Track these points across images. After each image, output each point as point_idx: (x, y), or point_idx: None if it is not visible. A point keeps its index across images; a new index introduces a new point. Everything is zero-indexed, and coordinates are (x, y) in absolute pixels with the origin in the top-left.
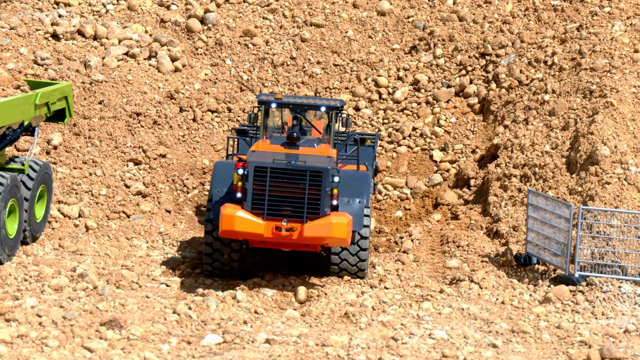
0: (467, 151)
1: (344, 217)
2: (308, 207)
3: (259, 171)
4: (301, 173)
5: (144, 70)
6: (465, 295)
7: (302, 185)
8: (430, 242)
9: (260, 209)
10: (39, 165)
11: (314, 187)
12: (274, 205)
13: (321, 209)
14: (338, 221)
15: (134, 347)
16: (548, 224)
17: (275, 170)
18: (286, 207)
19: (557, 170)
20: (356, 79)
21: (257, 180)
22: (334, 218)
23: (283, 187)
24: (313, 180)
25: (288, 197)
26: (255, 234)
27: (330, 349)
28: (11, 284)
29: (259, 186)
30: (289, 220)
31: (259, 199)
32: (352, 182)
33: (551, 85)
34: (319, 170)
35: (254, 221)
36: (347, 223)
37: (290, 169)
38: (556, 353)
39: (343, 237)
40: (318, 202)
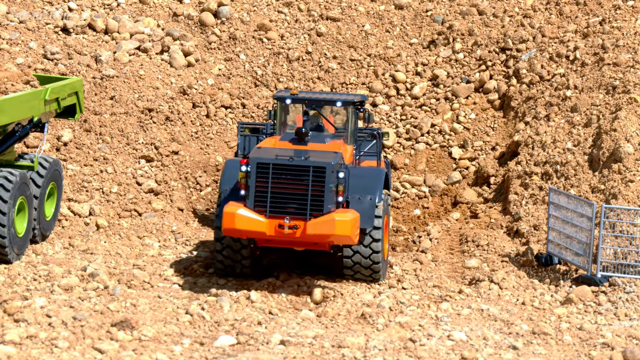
0: (487, 148)
1: (349, 213)
2: (311, 204)
3: (261, 167)
4: (304, 169)
5: (156, 65)
6: (485, 296)
7: (305, 182)
8: (449, 241)
9: (263, 207)
10: (49, 162)
11: (317, 183)
12: (276, 203)
13: (325, 205)
14: (341, 218)
15: (146, 349)
16: (570, 223)
17: (278, 167)
18: (289, 204)
19: (579, 167)
20: (373, 75)
21: (259, 177)
22: (337, 215)
23: (286, 183)
24: (316, 176)
25: (291, 194)
26: (258, 232)
27: (347, 351)
28: (20, 283)
29: (261, 183)
30: (292, 218)
31: (261, 196)
32: (364, 178)
33: (573, 81)
34: (321, 166)
35: (256, 219)
36: (351, 220)
37: (292, 165)
38: (578, 355)
39: (347, 235)
40: (322, 199)
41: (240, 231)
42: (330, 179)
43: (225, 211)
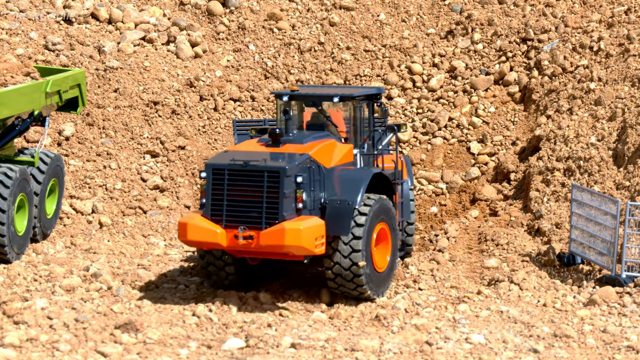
0: (507, 143)
1: (306, 222)
2: (266, 212)
3: (216, 173)
4: (258, 174)
5: (162, 57)
6: (505, 297)
7: (259, 188)
8: (467, 240)
9: (219, 215)
10: (50, 157)
11: (272, 189)
12: (232, 211)
13: (280, 213)
14: (292, 227)
15: (151, 352)
16: (593, 221)
17: (233, 172)
18: (244, 213)
19: (604, 163)
20: (388, 66)
21: (215, 184)
22: (288, 224)
23: (241, 190)
24: (270, 181)
25: (246, 202)
26: (212, 243)
27: (360, 354)
28: (20, 284)
29: (216, 190)
30: (247, 228)
31: (217, 204)
32: (345, 181)
33: (597, 73)
34: (275, 171)
35: (210, 229)
36: (305, 229)
37: (246, 170)
38: (602, 358)
39: (300, 245)
40: (276, 206)
41: (195, 242)
42: (286, 185)
43: (179, 221)
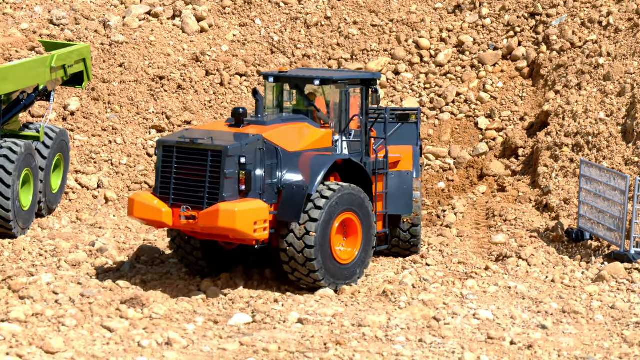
0: (515, 118)
1: (245, 204)
2: (208, 192)
3: (166, 150)
4: (202, 152)
5: (168, 31)
6: (513, 273)
7: (203, 167)
8: (475, 215)
9: (167, 194)
10: (55, 132)
11: (214, 168)
12: (178, 190)
13: (220, 194)
14: (227, 208)
15: (157, 327)
16: (602, 197)
17: (180, 150)
18: (189, 192)
19: (612, 139)
20: (396, 41)
21: (164, 161)
22: (224, 205)
23: (187, 168)
24: (213, 160)
25: (191, 180)
26: (157, 221)
27: (368, 330)
28: (25, 259)
29: (165, 167)
30: (190, 207)
31: (165, 182)
32: (304, 166)
33: (606, 48)
34: (217, 150)
35: (156, 207)
36: (241, 211)
37: (191, 149)
38: (610, 335)
39: (233, 227)
40: (217, 187)
41: (141, 219)
42: (228, 165)
43: (128, 198)
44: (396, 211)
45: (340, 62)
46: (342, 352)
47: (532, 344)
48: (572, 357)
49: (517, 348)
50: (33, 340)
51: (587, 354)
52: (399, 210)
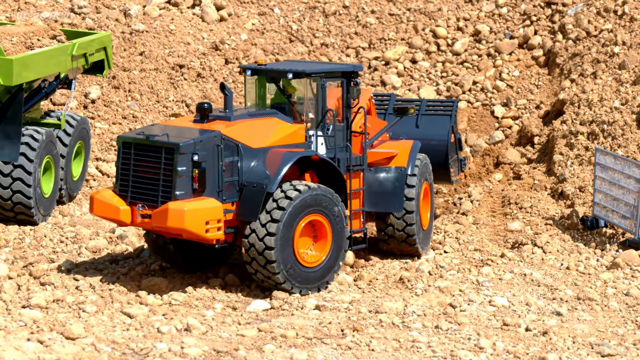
0: (531, 107)
1: (197, 203)
2: (162, 190)
3: (125, 147)
4: (157, 149)
5: (188, 20)
6: (528, 260)
7: (158, 164)
8: (491, 203)
9: (125, 192)
10: (76, 120)
11: (168, 166)
12: (136, 187)
13: (172, 192)
14: (176, 207)
15: (176, 313)
16: (617, 185)
17: (137, 147)
18: (146, 190)
19: (627, 127)
20: (413, 30)
21: (123, 157)
22: (174, 204)
23: (144, 166)
24: (167, 158)
25: (147, 178)
26: (115, 219)
27: (384, 316)
28: (46, 245)
29: (124, 164)
30: (145, 205)
31: (123, 179)
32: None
33: (621, 37)
34: (170, 147)
35: (113, 205)
36: (190, 210)
37: (146, 145)
38: (624, 322)
39: (183, 227)
40: (169, 185)
41: (102, 217)
42: (180, 162)
43: (90, 195)
44: (385, 208)
45: (358, 50)
46: (359, 338)
47: (547, 331)
48: (587, 343)
49: (532, 334)
50: (54, 326)
51: (601, 340)
52: (387, 208)
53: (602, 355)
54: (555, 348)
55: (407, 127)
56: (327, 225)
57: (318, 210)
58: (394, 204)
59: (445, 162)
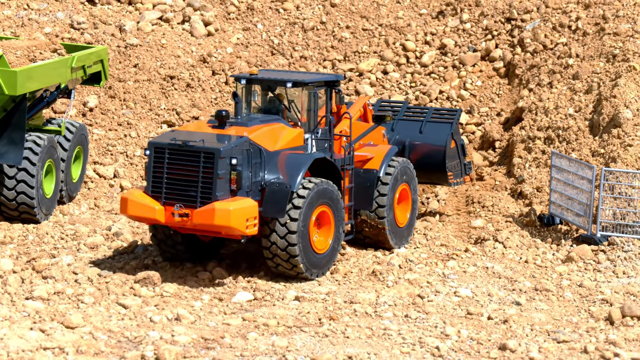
0: (493, 114)
1: (238, 202)
2: (201, 192)
3: (157, 151)
4: (194, 154)
5: (178, 35)
6: (490, 254)
7: (196, 168)
8: (456, 202)
9: (159, 192)
10: (75, 127)
11: (207, 169)
12: (171, 189)
13: (213, 193)
14: (222, 207)
15: (167, 304)
16: (571, 185)
17: (171, 151)
18: (182, 191)
19: (580, 132)
20: (384, 44)
21: (155, 161)
22: (220, 204)
23: (180, 169)
24: (206, 161)
25: (184, 180)
26: (151, 218)
27: (358, 306)
28: (48, 242)
29: (157, 168)
30: (182, 205)
31: (157, 182)
32: (286, 165)
33: (575, 50)
34: (210, 152)
35: (149, 206)
36: (234, 210)
37: (184, 150)
38: (578, 311)
39: (229, 225)
40: (210, 186)
41: (135, 217)
42: (220, 166)
43: (121, 196)
44: (359, 206)
45: (334, 62)
46: (335, 327)
47: (507, 319)
48: (544, 330)
49: (494, 323)
50: (54, 316)
51: (557, 327)
52: (361, 206)
53: (558, 342)
54: (515, 335)
55: (412, 133)
56: (330, 215)
57: (325, 202)
58: (365, 202)
59: (442, 166)
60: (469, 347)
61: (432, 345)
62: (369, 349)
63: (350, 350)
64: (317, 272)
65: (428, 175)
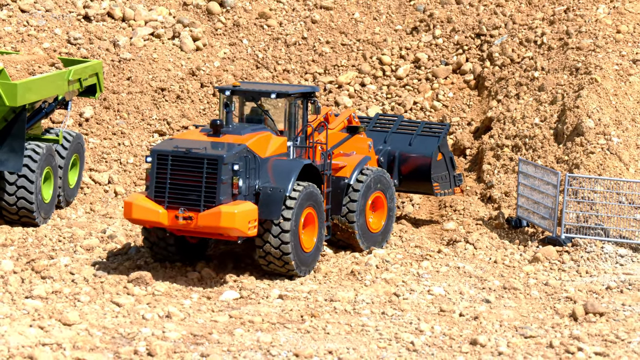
0: (463, 123)
1: (241, 206)
2: (205, 196)
3: (160, 158)
4: (198, 161)
5: (168, 49)
6: (461, 255)
7: (199, 173)
8: (429, 206)
9: (162, 197)
10: (72, 136)
11: (210, 175)
12: (174, 193)
13: (217, 197)
14: (228, 210)
15: (159, 302)
16: (537, 190)
17: (176, 158)
18: (185, 196)
19: (546, 140)
20: (362, 58)
21: (159, 168)
22: (225, 207)
23: (183, 174)
24: (209, 168)
25: (187, 185)
26: (155, 222)
27: (338, 304)
28: (47, 244)
29: (160, 173)
30: (187, 209)
31: (160, 187)
32: (279, 170)
33: (540, 63)
34: (214, 158)
35: (153, 209)
36: (239, 213)
37: (188, 157)
38: (544, 308)
39: (234, 227)
40: (214, 191)
41: (139, 221)
42: (224, 172)
43: (125, 200)
44: (331, 211)
45: (315, 75)
46: (316, 323)
47: (477, 316)
48: (512, 326)
49: (465, 319)
50: (53, 314)
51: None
52: (332, 211)
53: (525, 337)
54: (485, 331)
55: (403, 145)
56: (315, 216)
57: (311, 203)
58: (335, 208)
59: (428, 176)
60: (442, 342)
61: (407, 341)
62: (348, 344)
63: (331, 346)
64: (305, 269)
65: (416, 185)
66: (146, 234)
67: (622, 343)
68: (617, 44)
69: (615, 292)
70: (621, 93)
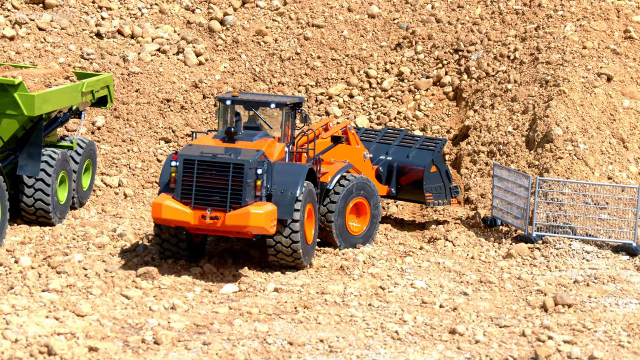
0: (443, 131)
1: (265, 206)
2: (231, 197)
3: (187, 163)
4: (225, 165)
5: (173, 64)
6: (441, 252)
7: (225, 177)
8: (412, 207)
9: (188, 198)
10: (85, 143)
11: (237, 178)
12: (200, 195)
13: (243, 199)
14: (255, 211)
15: (164, 295)
16: (510, 192)
17: (202, 163)
18: (212, 197)
19: (518, 147)
20: (350, 71)
21: (185, 172)
22: (252, 208)
23: (209, 178)
24: (235, 172)
25: (213, 188)
26: (183, 221)
27: (329, 296)
28: (62, 242)
29: (187, 177)
30: (213, 209)
31: (187, 189)
32: (287, 173)
33: (513, 76)
34: (240, 163)
35: (181, 210)
36: (265, 213)
37: (214, 162)
38: (517, 300)
39: (261, 226)
40: (240, 193)
41: (167, 220)
42: (249, 175)
43: (154, 202)
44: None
45: (307, 87)
46: (309, 314)
47: (456, 307)
48: (488, 317)
49: (445, 310)
50: (67, 306)
51: (499, 314)
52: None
53: (500, 326)
54: (463, 321)
55: (401, 156)
56: (313, 211)
57: (310, 200)
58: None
59: (421, 186)
60: (423, 331)
61: (392, 330)
62: (338, 333)
63: (322, 334)
64: (308, 259)
65: (411, 194)
66: (158, 231)
67: (588, 332)
68: (583, 58)
69: (582, 286)
70: (587, 104)
